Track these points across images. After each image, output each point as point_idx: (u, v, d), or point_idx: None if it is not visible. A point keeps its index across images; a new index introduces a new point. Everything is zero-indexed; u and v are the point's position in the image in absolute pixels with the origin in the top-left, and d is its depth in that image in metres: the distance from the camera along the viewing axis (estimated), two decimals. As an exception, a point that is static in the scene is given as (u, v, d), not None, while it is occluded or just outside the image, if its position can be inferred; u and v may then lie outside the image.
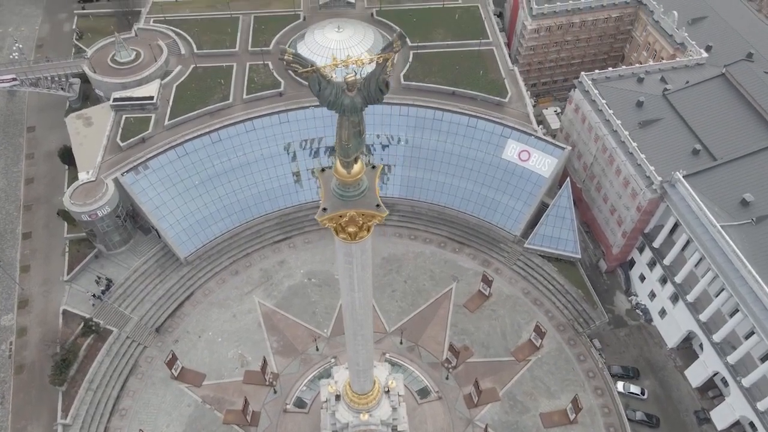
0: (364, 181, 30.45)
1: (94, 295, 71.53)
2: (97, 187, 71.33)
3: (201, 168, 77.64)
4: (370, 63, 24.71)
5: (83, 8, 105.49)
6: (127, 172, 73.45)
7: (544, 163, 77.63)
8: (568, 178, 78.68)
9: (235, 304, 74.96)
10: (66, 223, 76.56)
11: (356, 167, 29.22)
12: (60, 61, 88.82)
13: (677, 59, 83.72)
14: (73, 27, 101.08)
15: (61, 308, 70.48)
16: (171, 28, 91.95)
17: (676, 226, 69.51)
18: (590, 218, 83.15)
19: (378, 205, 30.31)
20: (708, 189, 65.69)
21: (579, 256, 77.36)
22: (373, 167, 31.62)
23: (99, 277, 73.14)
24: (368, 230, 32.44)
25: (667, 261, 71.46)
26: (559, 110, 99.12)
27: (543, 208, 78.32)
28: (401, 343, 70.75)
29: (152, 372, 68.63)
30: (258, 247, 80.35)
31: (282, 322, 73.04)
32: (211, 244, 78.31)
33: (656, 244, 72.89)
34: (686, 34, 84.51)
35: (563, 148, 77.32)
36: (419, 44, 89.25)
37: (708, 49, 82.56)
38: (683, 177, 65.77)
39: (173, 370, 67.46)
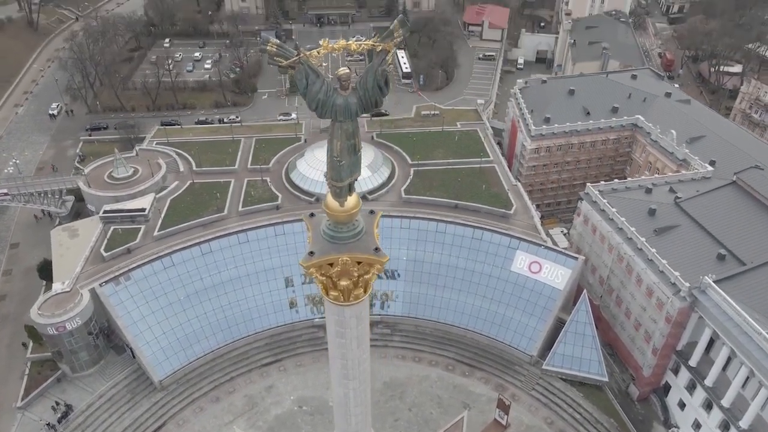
0: (360, 221, 25.32)
1: (48, 425, 61.87)
2: (71, 298, 65.16)
3: (188, 281, 71.97)
4: (367, 50, 21.00)
5: (90, 135, 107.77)
6: (106, 282, 67.71)
7: (557, 275, 72.14)
8: (585, 291, 72.63)
9: (211, 437, 64.56)
10: (31, 342, 68.99)
11: (351, 200, 24.28)
12: (54, 177, 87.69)
13: (683, 173, 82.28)
14: (77, 151, 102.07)
15: (6, 440, 60.52)
16: (173, 149, 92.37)
17: (712, 340, 62.05)
18: (613, 338, 75.21)
19: (377, 249, 24.78)
20: (743, 295, 59.52)
21: (606, 379, 68.47)
22: (372, 212, 26.66)
23: (57, 403, 63.90)
24: (365, 288, 26.41)
25: (708, 382, 62.56)
26: (565, 230, 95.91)
27: (560, 325, 71.17)
28: (406, 484, 59.38)
29: None
30: (244, 371, 71.59)
31: (265, 459, 62.12)
32: (191, 365, 70.02)
33: (693, 362, 64.52)
34: (687, 150, 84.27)
35: (576, 258, 72.44)
36: (420, 162, 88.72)
37: (712, 163, 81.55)
38: (714, 282, 60.01)
39: None
